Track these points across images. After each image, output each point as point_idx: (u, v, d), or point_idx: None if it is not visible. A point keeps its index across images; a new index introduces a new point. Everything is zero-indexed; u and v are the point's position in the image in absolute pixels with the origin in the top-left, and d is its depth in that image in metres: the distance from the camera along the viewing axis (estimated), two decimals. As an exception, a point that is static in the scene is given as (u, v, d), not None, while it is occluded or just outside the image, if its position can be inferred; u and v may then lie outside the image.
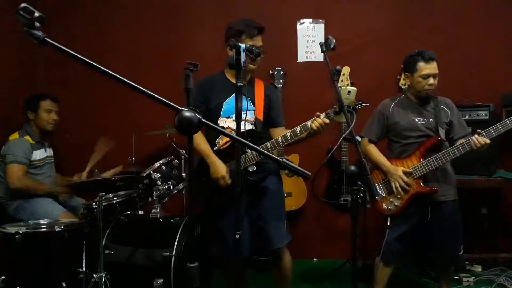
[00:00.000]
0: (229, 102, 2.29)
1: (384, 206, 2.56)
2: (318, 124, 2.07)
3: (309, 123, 2.10)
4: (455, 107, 2.61)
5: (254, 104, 2.35)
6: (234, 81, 2.31)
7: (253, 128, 2.32)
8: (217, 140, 2.34)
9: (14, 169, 2.82)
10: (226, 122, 2.31)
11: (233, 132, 2.24)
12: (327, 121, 2.06)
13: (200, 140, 2.29)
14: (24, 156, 2.88)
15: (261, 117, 2.36)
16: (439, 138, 2.47)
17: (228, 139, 2.26)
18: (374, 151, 2.64)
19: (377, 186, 2.58)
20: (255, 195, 2.31)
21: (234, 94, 2.28)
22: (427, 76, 2.45)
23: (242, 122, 2.21)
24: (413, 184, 2.49)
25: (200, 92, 2.32)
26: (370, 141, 2.67)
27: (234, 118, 2.24)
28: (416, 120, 2.54)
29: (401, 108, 2.59)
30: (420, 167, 2.47)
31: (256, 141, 2.27)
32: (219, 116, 2.31)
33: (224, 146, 2.29)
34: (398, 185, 2.49)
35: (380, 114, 2.65)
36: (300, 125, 2.12)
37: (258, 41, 2.28)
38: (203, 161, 2.28)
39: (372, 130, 2.67)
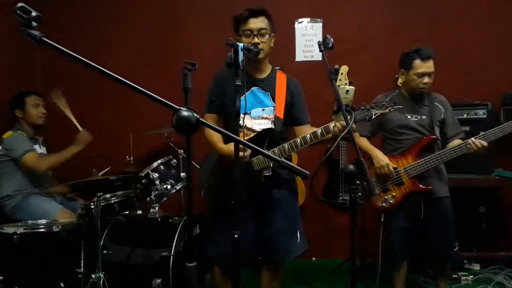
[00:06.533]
0: (246, 98, 2.10)
1: (379, 203, 2.57)
2: (340, 127, 1.91)
3: (331, 125, 1.94)
4: (449, 104, 2.62)
5: (274, 100, 2.17)
6: (253, 75, 2.20)
7: (272, 127, 2.14)
8: None
9: (30, 158, 2.83)
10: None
11: (250, 131, 2.13)
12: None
13: (212, 132, 2.13)
14: (28, 144, 2.89)
15: (281, 115, 2.15)
16: (434, 137, 2.48)
17: (248, 136, 2.10)
18: (364, 141, 2.64)
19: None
20: (266, 203, 2.17)
21: (252, 88, 2.18)
22: (422, 75, 2.46)
23: (262, 121, 2.14)
24: (408, 183, 2.49)
25: (216, 85, 2.17)
26: (362, 136, 2.67)
27: (252, 115, 2.15)
28: (409, 117, 2.55)
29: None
30: (416, 166, 2.47)
31: (273, 141, 2.09)
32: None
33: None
34: (383, 172, 2.48)
35: None
36: (322, 127, 1.97)
37: (253, 23, 2.09)
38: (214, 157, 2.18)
39: (364, 126, 2.66)
